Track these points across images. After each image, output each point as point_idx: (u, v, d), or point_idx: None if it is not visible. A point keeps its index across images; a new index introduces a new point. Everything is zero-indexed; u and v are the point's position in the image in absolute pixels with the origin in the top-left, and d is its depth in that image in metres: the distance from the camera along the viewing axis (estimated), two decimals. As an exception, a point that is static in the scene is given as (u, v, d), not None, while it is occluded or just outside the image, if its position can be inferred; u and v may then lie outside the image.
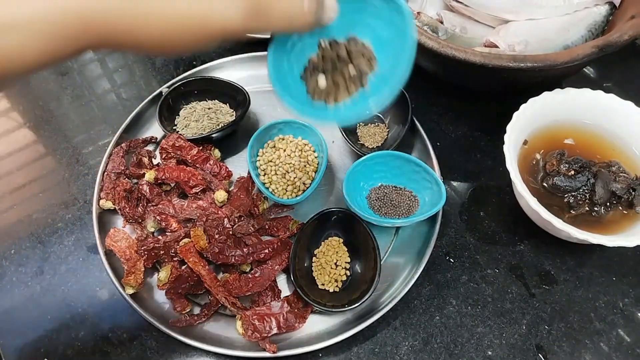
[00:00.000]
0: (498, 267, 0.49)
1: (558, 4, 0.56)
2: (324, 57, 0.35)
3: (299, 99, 0.35)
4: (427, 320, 0.46)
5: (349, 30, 0.35)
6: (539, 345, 0.45)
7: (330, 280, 0.47)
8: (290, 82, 0.35)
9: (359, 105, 0.34)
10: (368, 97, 0.34)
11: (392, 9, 0.33)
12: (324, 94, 0.35)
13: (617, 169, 0.47)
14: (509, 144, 0.46)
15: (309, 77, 0.35)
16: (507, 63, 0.46)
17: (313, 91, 0.35)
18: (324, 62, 0.35)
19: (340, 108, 0.35)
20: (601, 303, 0.47)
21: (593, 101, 0.50)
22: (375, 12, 0.34)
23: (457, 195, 0.54)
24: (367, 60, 0.35)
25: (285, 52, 0.35)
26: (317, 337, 0.45)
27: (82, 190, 0.57)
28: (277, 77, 0.34)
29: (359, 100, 0.34)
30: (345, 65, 0.35)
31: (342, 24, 0.34)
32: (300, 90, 0.35)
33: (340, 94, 0.35)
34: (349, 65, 0.35)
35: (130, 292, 0.46)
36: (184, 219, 0.50)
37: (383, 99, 0.32)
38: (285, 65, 0.35)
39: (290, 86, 0.35)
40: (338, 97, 0.35)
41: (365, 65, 0.35)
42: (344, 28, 0.35)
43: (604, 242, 0.41)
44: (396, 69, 0.33)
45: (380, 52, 0.35)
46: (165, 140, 0.54)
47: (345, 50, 0.35)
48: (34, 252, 0.52)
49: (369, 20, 0.35)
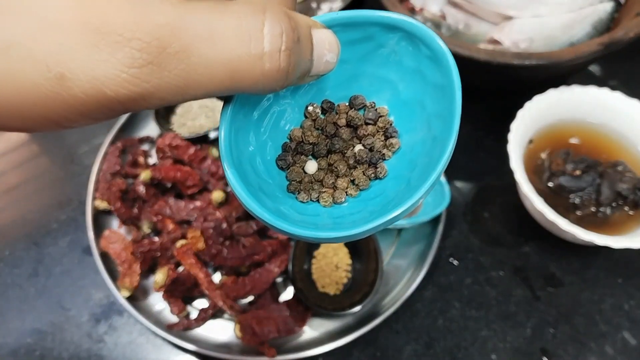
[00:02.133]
0: (502, 270, 0.48)
1: (563, 1, 0.55)
2: (314, 131, 0.23)
3: (273, 197, 0.21)
4: (430, 323, 0.45)
5: (353, 88, 0.23)
6: (544, 348, 0.44)
7: (330, 283, 0.46)
8: (260, 169, 0.22)
9: (370, 209, 0.21)
10: (386, 197, 0.21)
11: (421, 54, 0.21)
12: (314, 189, 0.22)
13: (623, 168, 0.47)
14: (513, 143, 0.45)
15: (291, 162, 0.22)
16: (511, 60, 0.45)
17: (297, 185, 0.22)
18: (314, 138, 0.23)
19: (340, 214, 0.22)
20: (607, 305, 0.46)
21: (599, 99, 0.49)
22: (395, 60, 0.22)
23: (460, 196, 0.54)
24: (384, 136, 0.23)
25: (251, 119, 0.21)
26: (317, 341, 0.44)
27: (76, 191, 0.56)
28: (237, 159, 0.20)
29: (371, 199, 0.22)
30: (348, 145, 0.23)
31: (342, 77, 0.23)
32: (275, 182, 0.22)
33: (340, 191, 0.22)
34: (354, 145, 0.23)
35: (125, 294, 0.45)
36: (180, 220, 0.49)
37: (412, 199, 0.19)
38: (253, 141, 0.22)
39: (260, 175, 0.21)
40: (336, 195, 0.22)
41: (382, 144, 0.23)
42: (345, 84, 0.23)
43: (610, 244, 0.40)
44: (431, 151, 0.21)
45: (403, 124, 0.23)
46: (161, 140, 0.53)
47: (346, 119, 0.23)
48: (28, 253, 0.51)
49: (383, 71, 0.23)
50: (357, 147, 0.23)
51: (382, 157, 0.23)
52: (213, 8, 0.15)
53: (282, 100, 0.22)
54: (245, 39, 0.15)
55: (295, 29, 0.17)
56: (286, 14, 0.16)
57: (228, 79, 0.16)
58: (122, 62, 0.14)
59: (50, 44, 0.14)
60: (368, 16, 0.21)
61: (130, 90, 0.14)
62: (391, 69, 0.23)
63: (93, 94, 0.14)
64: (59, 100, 0.14)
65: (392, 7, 0.50)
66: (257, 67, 0.16)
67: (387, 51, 0.22)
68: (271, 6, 0.16)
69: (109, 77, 0.14)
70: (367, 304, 0.43)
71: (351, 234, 0.19)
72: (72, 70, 0.14)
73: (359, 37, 0.22)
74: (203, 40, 0.15)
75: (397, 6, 0.50)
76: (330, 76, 0.20)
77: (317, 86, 0.23)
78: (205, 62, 0.15)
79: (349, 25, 0.21)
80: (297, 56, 0.17)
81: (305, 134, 0.23)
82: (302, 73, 0.18)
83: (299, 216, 0.21)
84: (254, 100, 0.21)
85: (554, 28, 0.54)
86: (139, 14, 0.14)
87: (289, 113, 0.23)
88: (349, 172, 0.23)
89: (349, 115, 0.23)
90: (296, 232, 0.19)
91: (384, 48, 0.22)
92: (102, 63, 0.14)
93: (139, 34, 0.14)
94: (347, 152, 0.23)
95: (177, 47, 0.15)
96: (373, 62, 0.23)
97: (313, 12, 0.70)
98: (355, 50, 0.22)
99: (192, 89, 0.15)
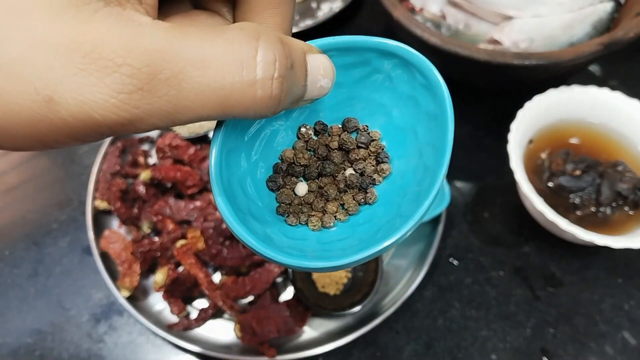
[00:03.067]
0: (502, 270, 0.48)
1: (563, 1, 0.55)
2: (305, 152, 0.23)
3: (261, 220, 0.21)
4: (429, 323, 0.45)
5: (347, 111, 0.24)
6: (544, 348, 0.44)
7: (330, 283, 0.46)
8: (250, 191, 0.22)
9: (359, 236, 0.21)
10: (376, 224, 0.21)
11: (417, 82, 0.21)
12: (303, 212, 0.22)
13: (623, 168, 0.47)
14: (513, 143, 0.45)
15: (281, 184, 0.23)
16: (511, 60, 0.45)
17: (286, 207, 0.22)
18: (306, 160, 0.23)
19: (329, 240, 0.22)
20: (607, 305, 0.46)
21: (599, 99, 0.49)
22: (390, 86, 0.22)
23: (460, 196, 0.54)
24: (375, 160, 0.23)
25: (242, 141, 0.21)
26: (317, 341, 0.44)
27: (77, 191, 0.56)
28: (227, 181, 0.20)
29: (360, 225, 0.22)
30: (340, 168, 0.23)
31: (337, 100, 0.23)
32: (264, 204, 0.22)
33: (329, 215, 0.22)
34: (345, 168, 0.23)
35: (125, 294, 0.45)
36: (180, 220, 0.49)
37: (401, 231, 0.19)
38: (244, 161, 0.22)
39: (250, 197, 0.22)
40: (325, 219, 0.22)
41: (372, 169, 0.23)
42: (340, 106, 0.23)
43: (610, 244, 0.40)
44: (422, 180, 0.21)
45: (395, 149, 0.23)
46: (161, 140, 0.53)
47: (339, 142, 0.23)
48: (29, 253, 0.51)
49: (378, 96, 0.23)
50: (348, 171, 0.23)
51: (373, 182, 0.23)
52: (205, 34, 0.15)
53: (275, 121, 0.23)
54: (238, 66, 0.15)
55: (289, 55, 0.17)
56: (280, 41, 0.16)
57: (219, 106, 0.15)
58: (112, 88, 0.14)
59: (39, 66, 0.13)
60: (365, 42, 0.21)
61: (119, 116, 0.14)
62: (386, 94, 0.23)
63: (81, 118, 0.14)
64: (46, 122, 0.14)
65: (392, 8, 0.49)
66: (249, 94, 0.16)
67: (383, 77, 0.22)
68: (265, 33, 0.16)
69: (97, 102, 0.14)
70: (367, 304, 0.43)
71: (338, 264, 0.19)
72: (61, 94, 0.14)
73: (355, 61, 0.22)
74: (195, 66, 0.15)
75: (397, 6, 0.50)
76: (325, 99, 0.20)
77: (311, 108, 0.23)
78: (197, 88, 0.15)
79: (345, 50, 0.21)
80: (291, 82, 0.17)
81: (297, 155, 0.23)
82: (295, 98, 0.18)
83: (287, 241, 0.21)
84: (247, 122, 0.21)
85: (554, 28, 0.54)
86: (130, 39, 0.14)
87: (282, 134, 0.23)
88: (339, 196, 0.23)
89: (342, 138, 0.23)
90: (282, 260, 0.18)
91: (379, 73, 0.22)
92: (90, 88, 0.14)
93: (130, 59, 0.14)
94: (338, 176, 0.23)
95: (168, 74, 0.14)
96: (368, 86, 0.23)
97: (313, 11, 0.70)
98: (351, 74, 0.22)
99: (182, 115, 0.15)
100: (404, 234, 0.19)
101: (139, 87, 0.14)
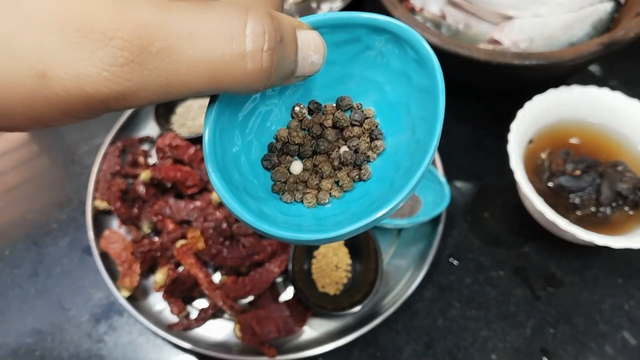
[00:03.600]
0: (502, 270, 0.48)
1: (563, 1, 0.55)
2: (300, 131, 0.23)
3: (256, 197, 0.21)
4: (430, 323, 0.45)
5: (340, 89, 0.24)
6: (544, 348, 0.44)
7: (330, 283, 0.46)
8: (245, 169, 0.22)
9: (353, 211, 0.21)
10: (370, 198, 0.22)
11: (408, 57, 0.22)
12: (298, 190, 0.22)
13: (623, 168, 0.47)
14: (513, 143, 0.45)
15: (276, 163, 0.23)
16: (511, 60, 0.45)
17: (281, 185, 0.23)
18: (300, 139, 0.23)
19: (324, 215, 0.22)
20: (607, 305, 0.46)
21: (599, 99, 0.49)
22: (382, 62, 0.23)
23: (460, 196, 0.54)
24: (369, 137, 0.23)
25: (236, 119, 0.21)
26: (317, 341, 0.44)
27: (77, 191, 0.56)
28: (221, 159, 0.20)
29: (355, 201, 0.22)
30: (334, 146, 0.23)
31: (330, 78, 0.23)
32: (260, 182, 0.22)
33: (324, 192, 0.22)
34: (339, 146, 0.23)
35: (125, 294, 0.45)
36: (180, 220, 0.49)
37: (394, 202, 0.19)
38: (238, 140, 0.22)
39: (245, 175, 0.22)
40: (320, 196, 0.22)
41: (367, 146, 0.23)
42: (333, 84, 0.23)
43: (610, 244, 0.40)
44: (414, 154, 0.21)
45: (388, 126, 0.23)
46: (161, 140, 0.53)
47: (332, 120, 0.23)
48: (29, 253, 0.51)
49: (371, 73, 0.23)
50: (342, 149, 0.23)
51: (367, 159, 0.23)
52: (195, 8, 0.16)
53: (268, 100, 0.23)
54: (227, 39, 0.15)
55: (279, 29, 0.17)
56: (269, 14, 0.16)
57: (210, 79, 0.16)
58: (104, 61, 0.14)
59: (32, 41, 0.14)
60: (355, 18, 0.21)
61: (112, 89, 0.14)
62: (378, 71, 0.23)
63: (75, 93, 0.14)
64: (41, 98, 0.14)
65: (392, 8, 0.50)
66: (239, 67, 0.16)
67: (375, 53, 0.23)
68: (255, 6, 0.16)
69: (90, 76, 0.14)
70: (367, 304, 0.43)
71: (334, 235, 0.19)
72: (54, 69, 0.14)
73: (346, 38, 0.22)
74: (185, 39, 0.15)
75: (397, 6, 0.50)
76: (318, 77, 0.21)
77: (304, 87, 0.23)
78: (187, 61, 0.15)
79: (336, 27, 0.21)
80: (280, 56, 0.17)
81: (291, 134, 0.23)
82: (286, 74, 0.18)
83: (282, 217, 0.21)
84: (240, 100, 0.21)
85: (554, 28, 0.54)
86: (120, 13, 0.14)
87: (276, 113, 0.23)
88: (333, 173, 0.23)
89: (335, 116, 0.23)
90: (278, 233, 0.19)
91: (371, 50, 0.22)
92: (83, 61, 0.14)
93: (121, 32, 0.14)
94: (332, 154, 0.23)
95: (158, 46, 0.15)
96: (361, 63, 0.23)
97: (313, 11, 0.70)
98: (343, 51, 0.22)
99: (174, 88, 0.15)
100: (397, 204, 0.19)
101: (130, 60, 0.14)
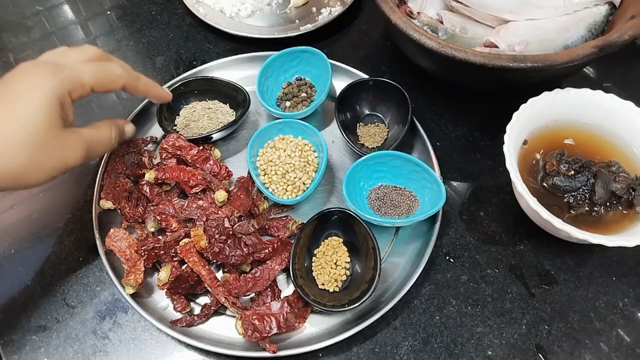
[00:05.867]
0: (498, 267, 0.49)
1: (558, 4, 0.56)
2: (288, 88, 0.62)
3: (272, 105, 0.59)
4: (427, 320, 0.46)
5: (298, 74, 0.63)
6: (539, 345, 0.45)
7: (330, 280, 0.47)
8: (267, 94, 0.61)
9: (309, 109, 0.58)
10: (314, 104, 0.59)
11: (317, 58, 0.61)
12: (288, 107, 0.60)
13: (617, 169, 0.47)
14: (508, 144, 0.46)
15: (282, 98, 0.61)
16: (507, 63, 0.46)
17: (280, 103, 0.61)
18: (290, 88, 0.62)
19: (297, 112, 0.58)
20: (601, 303, 0.47)
21: (593, 101, 0.50)
22: (311, 62, 0.62)
23: (457, 195, 0.54)
24: (309, 87, 0.61)
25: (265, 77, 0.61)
26: (317, 337, 0.45)
27: (82, 190, 0.56)
28: (261, 89, 0.59)
29: (309, 107, 0.58)
30: (299, 91, 0.61)
31: (294, 72, 0.63)
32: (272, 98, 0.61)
33: (298, 106, 0.60)
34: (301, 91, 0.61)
35: (130, 292, 0.46)
36: (184, 219, 0.50)
37: (319, 99, 0.58)
38: (270, 82, 0.62)
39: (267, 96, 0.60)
40: (297, 107, 0.60)
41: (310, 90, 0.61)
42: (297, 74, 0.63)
43: (604, 242, 0.41)
44: (324, 85, 0.58)
45: (316, 83, 0.62)
46: (165, 140, 0.54)
47: (297, 84, 0.62)
48: (34, 252, 0.52)
49: (306, 68, 0.62)
50: (302, 92, 0.62)
51: (312, 95, 0.64)
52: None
53: (277, 74, 0.65)
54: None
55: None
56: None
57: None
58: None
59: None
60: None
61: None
62: (308, 66, 0.63)
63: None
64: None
65: (391, 12, 0.50)
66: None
67: (305, 61, 0.64)
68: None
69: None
70: (366, 301, 0.44)
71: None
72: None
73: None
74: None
75: (395, 11, 0.51)
76: (295, 70, 0.64)
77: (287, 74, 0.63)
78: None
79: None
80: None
81: (285, 88, 0.65)
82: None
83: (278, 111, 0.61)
84: (269, 69, 0.62)
85: (549, 31, 0.55)
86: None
87: (280, 79, 0.66)
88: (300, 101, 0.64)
89: (298, 83, 0.64)
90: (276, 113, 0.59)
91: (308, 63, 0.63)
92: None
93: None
94: (300, 95, 0.65)
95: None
96: (302, 65, 0.63)
97: (313, 16, 0.72)
98: (293, 62, 0.63)
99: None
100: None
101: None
